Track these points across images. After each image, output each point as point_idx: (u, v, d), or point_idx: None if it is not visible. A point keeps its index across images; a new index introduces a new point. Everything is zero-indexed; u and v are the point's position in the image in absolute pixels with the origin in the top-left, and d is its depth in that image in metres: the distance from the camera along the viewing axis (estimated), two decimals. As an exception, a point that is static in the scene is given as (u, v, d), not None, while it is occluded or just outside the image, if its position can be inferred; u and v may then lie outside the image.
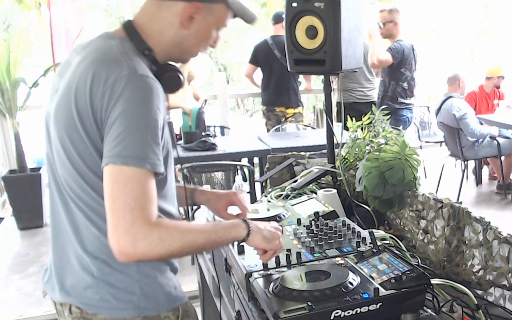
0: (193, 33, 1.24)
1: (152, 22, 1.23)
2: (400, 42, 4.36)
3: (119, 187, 1.07)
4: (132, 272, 1.20)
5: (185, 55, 1.30)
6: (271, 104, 5.26)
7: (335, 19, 1.79)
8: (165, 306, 1.24)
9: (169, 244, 1.09)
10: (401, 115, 4.44)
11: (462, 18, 12.53)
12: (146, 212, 1.07)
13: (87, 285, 1.21)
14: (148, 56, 1.21)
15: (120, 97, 1.09)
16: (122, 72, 1.11)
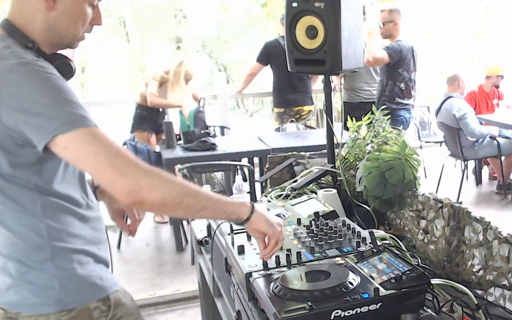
0: (62, 12, 1.21)
1: (22, 14, 1.22)
2: (398, 42, 4.36)
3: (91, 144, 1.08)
4: (49, 267, 1.21)
5: (66, 38, 1.25)
6: (289, 105, 5.10)
7: (335, 19, 1.79)
8: (91, 296, 1.25)
9: (171, 188, 1.10)
10: (398, 115, 4.43)
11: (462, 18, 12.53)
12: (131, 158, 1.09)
13: (8, 286, 1.23)
14: (32, 48, 1.19)
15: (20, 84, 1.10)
16: (11, 62, 1.11)
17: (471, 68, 11.16)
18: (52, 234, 1.21)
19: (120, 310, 1.30)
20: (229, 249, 1.38)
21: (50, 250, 1.21)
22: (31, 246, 1.21)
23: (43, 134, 1.09)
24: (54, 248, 1.22)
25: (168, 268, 3.93)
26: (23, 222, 1.20)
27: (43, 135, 1.09)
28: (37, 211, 1.20)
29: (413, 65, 4.44)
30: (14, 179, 1.17)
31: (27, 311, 1.22)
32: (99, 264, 1.31)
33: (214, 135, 4.69)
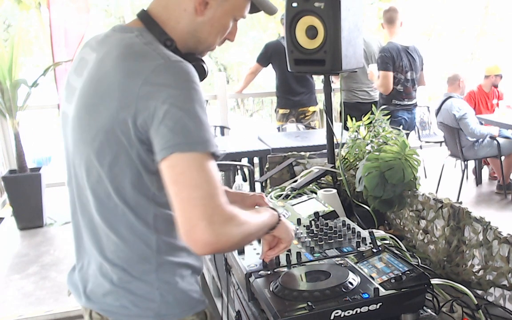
0: (208, 20, 1.17)
1: (167, 10, 1.17)
2: (388, 47, 4.40)
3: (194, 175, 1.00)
4: (152, 279, 1.16)
5: (201, 46, 1.22)
6: (295, 106, 5.07)
7: (335, 19, 1.79)
8: (189, 310, 1.20)
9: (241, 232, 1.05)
10: (397, 115, 4.45)
11: (462, 18, 12.53)
12: (223, 199, 1.02)
13: (106, 292, 1.18)
14: (170, 46, 1.13)
15: (163, 88, 1.02)
16: (156, 62, 1.04)
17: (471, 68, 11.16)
18: (160, 247, 1.16)
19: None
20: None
21: (156, 262, 1.16)
22: (138, 256, 1.15)
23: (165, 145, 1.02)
24: (161, 260, 1.16)
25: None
26: (134, 230, 1.14)
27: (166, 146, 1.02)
28: (149, 221, 1.14)
29: (408, 65, 4.45)
30: (138, 184, 1.11)
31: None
32: (196, 276, 1.26)
33: (214, 135, 4.68)
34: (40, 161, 7.05)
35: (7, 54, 4.72)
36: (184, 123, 1.01)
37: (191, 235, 0.99)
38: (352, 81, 4.72)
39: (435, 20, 12.89)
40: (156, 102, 1.02)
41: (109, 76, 1.07)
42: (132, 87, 1.03)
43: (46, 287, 3.68)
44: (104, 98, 1.07)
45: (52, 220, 5.00)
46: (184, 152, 1.00)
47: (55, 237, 4.73)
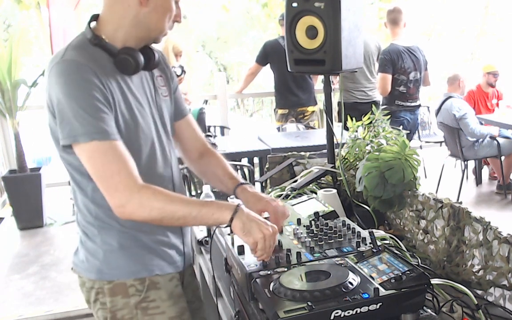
0: (153, 8, 1.31)
1: (112, 9, 1.33)
2: (389, 49, 4.41)
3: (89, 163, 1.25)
4: (98, 240, 1.38)
5: (153, 33, 1.36)
6: (294, 106, 5.06)
7: (335, 19, 1.79)
8: (128, 275, 1.38)
9: (149, 211, 1.24)
10: (398, 116, 4.45)
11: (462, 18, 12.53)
12: (123, 178, 1.23)
13: (76, 249, 1.46)
14: (98, 44, 1.31)
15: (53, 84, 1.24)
16: (54, 61, 1.26)
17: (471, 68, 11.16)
18: (98, 215, 1.36)
19: (153, 293, 1.40)
20: (229, 249, 1.38)
21: (99, 227, 1.37)
22: (85, 221, 1.39)
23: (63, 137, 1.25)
24: (101, 226, 1.37)
25: (168, 268, 3.93)
26: (80, 199, 1.38)
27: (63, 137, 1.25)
28: (88, 192, 1.35)
29: (411, 66, 4.45)
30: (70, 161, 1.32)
31: (82, 273, 1.43)
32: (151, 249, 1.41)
33: (214, 135, 4.68)
34: (40, 161, 7.04)
35: (7, 54, 4.72)
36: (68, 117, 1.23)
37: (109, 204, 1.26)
38: (349, 81, 4.72)
39: (435, 20, 12.88)
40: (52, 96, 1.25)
41: None
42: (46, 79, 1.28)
43: (46, 287, 3.68)
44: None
45: (52, 220, 5.00)
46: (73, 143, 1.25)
47: (55, 237, 4.73)
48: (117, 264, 1.38)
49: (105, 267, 1.38)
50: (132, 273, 1.39)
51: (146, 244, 1.41)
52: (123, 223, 1.35)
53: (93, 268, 1.39)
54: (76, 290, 3.66)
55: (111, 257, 1.38)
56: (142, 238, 1.40)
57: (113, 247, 1.37)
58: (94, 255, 1.39)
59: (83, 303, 1.50)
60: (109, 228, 1.37)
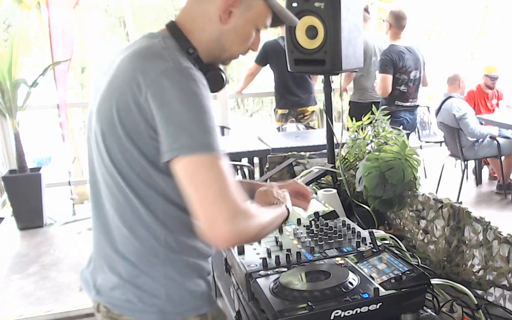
0: (232, 28, 1.22)
1: (193, 19, 1.23)
2: (389, 49, 4.42)
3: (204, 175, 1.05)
4: (159, 275, 1.18)
5: (225, 54, 1.27)
6: (294, 106, 5.04)
7: (335, 19, 1.79)
8: (192, 311, 1.21)
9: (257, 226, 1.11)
10: (398, 116, 4.45)
11: (462, 18, 12.53)
12: (237, 194, 1.07)
13: (114, 286, 1.21)
14: (192, 54, 1.20)
15: (170, 90, 1.07)
16: (166, 65, 1.09)
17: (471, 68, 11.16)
18: (169, 243, 1.18)
19: None
20: (229, 249, 1.38)
21: (165, 257, 1.18)
22: (147, 250, 1.18)
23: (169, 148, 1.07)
24: (169, 256, 1.19)
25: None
26: (144, 223, 1.17)
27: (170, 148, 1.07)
28: (159, 215, 1.17)
29: (412, 65, 4.46)
30: (149, 179, 1.15)
31: (129, 315, 1.20)
32: (204, 278, 1.27)
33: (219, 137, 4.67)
34: (40, 161, 7.06)
35: (7, 54, 4.72)
36: (187, 126, 1.06)
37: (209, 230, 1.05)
38: (364, 80, 4.74)
39: (435, 20, 12.88)
40: (162, 102, 1.07)
41: (124, 72, 1.14)
42: (142, 85, 1.09)
43: (46, 287, 3.68)
44: (115, 91, 1.13)
45: (52, 220, 5.00)
46: (188, 155, 1.05)
47: (55, 237, 4.73)
48: (181, 300, 1.20)
49: (168, 305, 1.19)
50: (195, 309, 1.22)
51: (203, 275, 1.26)
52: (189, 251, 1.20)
53: (150, 308, 1.18)
54: (76, 290, 3.66)
55: (174, 293, 1.19)
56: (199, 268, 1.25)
57: (177, 282, 1.19)
58: (151, 293, 1.18)
59: (83, 303, 1.45)
60: (177, 259, 1.19)
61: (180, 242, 1.18)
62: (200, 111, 1.08)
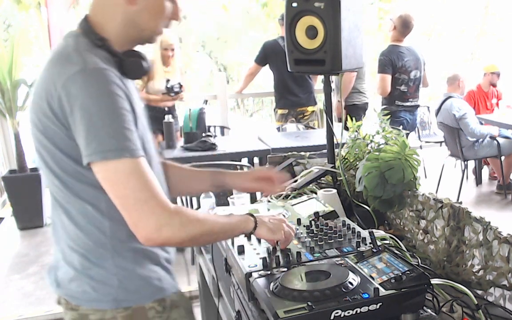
0: (143, 7, 1.22)
1: (102, 10, 1.24)
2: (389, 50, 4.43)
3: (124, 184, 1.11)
4: (109, 265, 1.23)
5: (145, 33, 1.27)
6: (294, 106, 5.05)
7: (335, 19, 1.79)
8: (148, 297, 1.27)
9: (190, 230, 1.17)
10: (398, 116, 4.46)
11: (462, 18, 12.53)
12: (160, 199, 1.13)
13: (71, 278, 1.26)
14: (102, 46, 1.20)
15: (77, 95, 1.10)
16: (74, 69, 1.12)
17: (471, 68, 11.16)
18: (115, 233, 1.22)
19: (174, 313, 1.31)
20: (229, 249, 1.38)
21: (112, 249, 1.23)
22: (94, 243, 1.22)
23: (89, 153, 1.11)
24: (116, 247, 1.23)
25: (168, 268, 3.93)
26: (88, 218, 1.21)
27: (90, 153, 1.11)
28: (101, 209, 1.21)
29: (412, 64, 4.46)
30: (80, 176, 1.18)
31: (85, 305, 1.25)
32: (161, 264, 1.31)
33: (214, 135, 4.68)
34: (40, 161, 7.04)
35: (7, 54, 4.72)
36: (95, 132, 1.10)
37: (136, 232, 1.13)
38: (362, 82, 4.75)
39: (435, 20, 12.88)
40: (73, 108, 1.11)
41: (42, 79, 1.18)
42: (54, 90, 1.12)
43: (46, 287, 3.66)
44: (37, 98, 1.17)
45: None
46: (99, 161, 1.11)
47: (55, 237, 4.73)
48: (135, 287, 1.25)
49: (121, 293, 1.24)
50: (151, 295, 1.27)
51: (159, 261, 1.30)
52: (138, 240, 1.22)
53: (105, 297, 1.24)
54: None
55: (127, 281, 1.24)
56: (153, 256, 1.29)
57: (128, 270, 1.24)
58: (104, 283, 1.23)
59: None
60: (125, 249, 1.24)
61: (128, 232, 1.19)
62: (108, 114, 1.11)
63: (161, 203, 1.13)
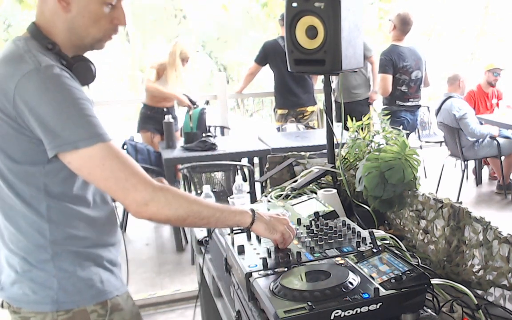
0: (77, 13, 1.22)
1: (45, 17, 1.24)
2: (389, 50, 4.44)
3: (101, 168, 1.13)
4: (49, 268, 1.23)
5: (87, 40, 1.26)
6: (293, 106, 5.05)
7: (335, 19, 1.79)
8: (89, 300, 1.26)
9: (176, 209, 1.18)
10: (399, 116, 4.46)
11: (462, 18, 12.53)
12: (141, 176, 1.16)
13: (13, 281, 1.27)
14: (52, 50, 1.21)
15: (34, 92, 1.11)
16: (28, 68, 1.13)
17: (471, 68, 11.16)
18: (55, 236, 1.23)
19: (117, 315, 1.31)
20: (229, 249, 1.38)
21: (52, 251, 1.23)
22: (34, 245, 1.23)
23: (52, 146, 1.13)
24: (56, 249, 1.23)
25: (168, 268, 3.94)
26: (28, 220, 1.22)
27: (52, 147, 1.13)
28: (42, 211, 1.21)
29: (413, 64, 4.46)
30: (24, 175, 1.19)
31: (26, 308, 1.25)
32: (104, 266, 1.31)
33: (214, 135, 4.68)
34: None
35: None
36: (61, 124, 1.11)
37: (126, 207, 1.16)
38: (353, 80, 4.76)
39: (435, 20, 12.88)
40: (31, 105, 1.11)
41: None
42: (7, 89, 1.13)
43: None
44: None
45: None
46: (70, 151, 1.12)
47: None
48: (76, 290, 1.25)
49: (62, 295, 1.24)
50: (92, 298, 1.27)
51: (101, 264, 1.30)
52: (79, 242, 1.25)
53: (44, 299, 1.24)
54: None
55: (68, 283, 1.24)
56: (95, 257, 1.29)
57: (69, 272, 1.24)
58: (44, 285, 1.23)
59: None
60: (65, 251, 1.24)
61: (68, 234, 1.22)
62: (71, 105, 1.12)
63: (142, 180, 1.15)
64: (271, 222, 1.32)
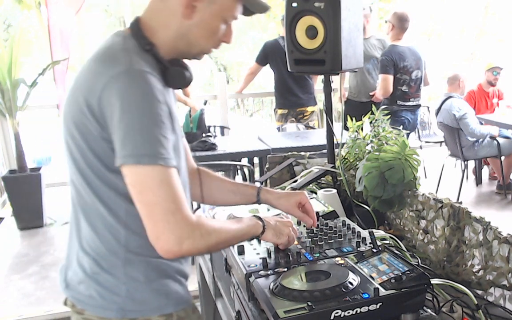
0: (197, 23, 1.20)
1: (156, 16, 1.21)
2: (390, 51, 4.44)
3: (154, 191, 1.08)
4: (120, 274, 1.20)
5: (194, 49, 1.25)
6: (293, 106, 5.06)
7: (335, 19, 1.79)
8: (155, 310, 1.23)
9: (208, 241, 1.15)
10: (399, 115, 4.46)
11: (462, 18, 12.53)
12: (186, 212, 1.11)
13: (80, 280, 1.23)
14: (149, 51, 1.18)
15: (119, 95, 1.08)
16: (119, 68, 1.10)
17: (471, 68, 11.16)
18: (129, 243, 1.20)
19: None
20: (229, 249, 1.38)
21: (124, 257, 1.20)
22: (107, 249, 1.20)
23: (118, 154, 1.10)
24: (128, 256, 1.20)
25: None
26: (105, 223, 1.19)
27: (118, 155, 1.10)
28: (121, 215, 1.18)
29: (413, 64, 4.46)
30: (105, 178, 1.16)
31: (90, 311, 1.23)
32: (174, 277, 1.27)
33: (214, 135, 4.68)
34: (40, 161, 7.05)
35: (7, 54, 4.72)
36: (132, 134, 1.07)
37: (156, 245, 1.10)
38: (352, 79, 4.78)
39: (435, 20, 12.88)
40: (113, 107, 1.08)
41: (83, 74, 1.17)
42: (95, 87, 1.10)
43: (46, 287, 3.68)
44: (76, 93, 1.15)
45: (52, 220, 5.00)
46: (131, 164, 1.08)
47: (55, 237, 4.73)
48: (143, 299, 1.21)
49: (129, 303, 1.20)
50: (158, 308, 1.23)
51: (169, 274, 1.26)
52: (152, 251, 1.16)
53: (110, 305, 1.20)
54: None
55: (136, 291, 1.21)
56: (165, 268, 1.25)
57: (139, 281, 1.21)
58: (112, 291, 1.20)
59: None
60: (137, 259, 1.20)
61: (142, 243, 1.18)
62: (147, 119, 1.09)
63: (186, 217, 1.10)
64: (277, 227, 1.33)
